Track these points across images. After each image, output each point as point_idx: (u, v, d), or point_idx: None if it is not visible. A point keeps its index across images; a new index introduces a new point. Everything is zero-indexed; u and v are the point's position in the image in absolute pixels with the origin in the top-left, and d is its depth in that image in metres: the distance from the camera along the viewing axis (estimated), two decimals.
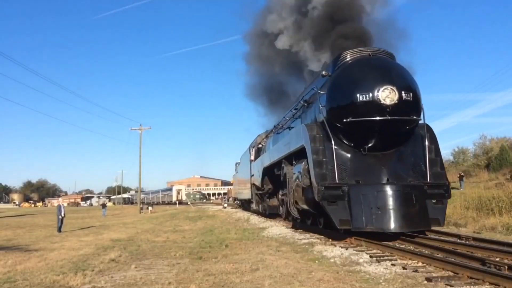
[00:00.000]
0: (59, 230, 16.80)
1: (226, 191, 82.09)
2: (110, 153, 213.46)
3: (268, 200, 19.42)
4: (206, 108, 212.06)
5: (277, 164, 15.16)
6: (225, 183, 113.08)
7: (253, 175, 22.53)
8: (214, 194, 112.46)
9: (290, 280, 5.98)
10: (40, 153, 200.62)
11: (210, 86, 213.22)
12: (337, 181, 9.41)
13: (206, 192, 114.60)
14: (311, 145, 10.01)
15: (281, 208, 16.58)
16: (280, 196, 16.25)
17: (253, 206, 23.77)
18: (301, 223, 13.79)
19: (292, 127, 13.91)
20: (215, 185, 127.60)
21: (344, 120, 9.70)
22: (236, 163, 35.50)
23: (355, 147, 10.05)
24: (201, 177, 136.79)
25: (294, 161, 12.18)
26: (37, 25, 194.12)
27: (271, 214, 19.53)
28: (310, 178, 10.03)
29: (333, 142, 9.78)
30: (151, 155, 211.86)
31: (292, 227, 14.30)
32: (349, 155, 10.03)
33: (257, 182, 20.49)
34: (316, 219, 12.37)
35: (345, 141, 10.10)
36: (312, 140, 10.12)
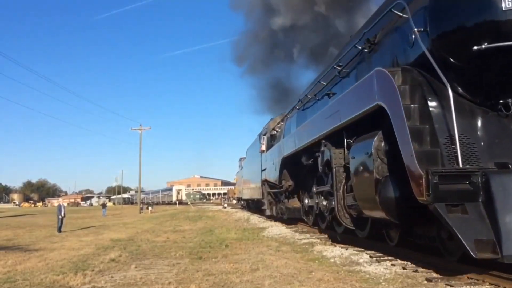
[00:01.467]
0: (59, 230, 16.80)
1: (226, 191, 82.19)
2: (110, 153, 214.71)
3: (287, 201, 15.01)
4: (206, 108, 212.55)
5: (307, 151, 11.15)
6: (225, 183, 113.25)
7: (264, 170, 18.18)
8: (214, 194, 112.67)
9: (290, 280, 5.98)
10: (40, 153, 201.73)
11: (210, 86, 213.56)
12: (460, 165, 5.23)
13: (206, 192, 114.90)
14: (402, 103, 5.66)
15: (311, 212, 12.18)
16: (313, 194, 11.51)
17: (265, 208, 19.12)
18: (345, 234, 9.71)
19: (334, 93, 9.58)
20: (215, 185, 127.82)
21: (475, 47, 5.34)
22: (241, 158, 32.87)
23: (483, 104, 5.82)
24: (201, 177, 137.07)
25: (347, 140, 8.11)
26: (37, 25, 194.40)
27: (290, 219, 15.17)
28: (394, 163, 6.11)
29: (450, 94, 5.31)
30: (151, 155, 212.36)
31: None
32: (477, 119, 5.77)
33: (272, 177, 16.27)
34: (379, 230, 8.12)
35: (466, 93, 5.85)
36: (403, 93, 5.82)
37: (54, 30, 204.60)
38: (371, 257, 7.66)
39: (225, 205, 48.48)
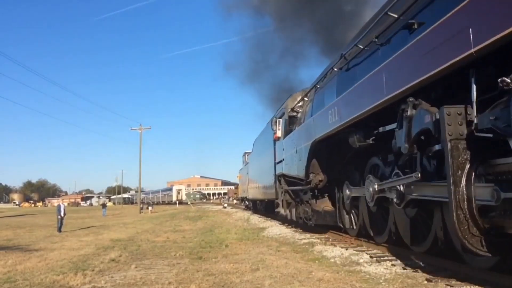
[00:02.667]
0: (59, 230, 16.82)
1: (226, 191, 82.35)
2: (110, 153, 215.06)
3: (314, 201, 11.38)
4: (206, 108, 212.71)
5: (359, 125, 7.66)
6: (225, 183, 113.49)
7: (280, 162, 14.47)
8: (214, 194, 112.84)
9: (290, 280, 5.97)
10: (40, 153, 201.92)
11: (210, 86, 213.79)
12: None
13: (206, 192, 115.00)
14: None
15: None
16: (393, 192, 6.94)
17: (280, 210, 15.35)
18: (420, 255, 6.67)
19: (422, 23, 5.36)
20: (215, 185, 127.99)
21: None
22: (245, 153, 30.21)
23: None
24: (201, 177, 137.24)
25: (498, 80, 3.86)
26: (37, 25, 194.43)
27: (318, 225, 11.53)
28: None
29: None
30: (151, 155, 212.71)
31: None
32: None
33: (293, 171, 12.34)
34: None
35: None
36: None
37: (55, 31, 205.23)
38: (371, 257, 7.65)
39: (225, 205, 48.64)
